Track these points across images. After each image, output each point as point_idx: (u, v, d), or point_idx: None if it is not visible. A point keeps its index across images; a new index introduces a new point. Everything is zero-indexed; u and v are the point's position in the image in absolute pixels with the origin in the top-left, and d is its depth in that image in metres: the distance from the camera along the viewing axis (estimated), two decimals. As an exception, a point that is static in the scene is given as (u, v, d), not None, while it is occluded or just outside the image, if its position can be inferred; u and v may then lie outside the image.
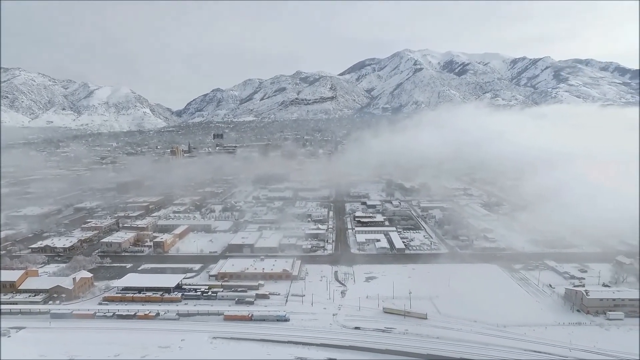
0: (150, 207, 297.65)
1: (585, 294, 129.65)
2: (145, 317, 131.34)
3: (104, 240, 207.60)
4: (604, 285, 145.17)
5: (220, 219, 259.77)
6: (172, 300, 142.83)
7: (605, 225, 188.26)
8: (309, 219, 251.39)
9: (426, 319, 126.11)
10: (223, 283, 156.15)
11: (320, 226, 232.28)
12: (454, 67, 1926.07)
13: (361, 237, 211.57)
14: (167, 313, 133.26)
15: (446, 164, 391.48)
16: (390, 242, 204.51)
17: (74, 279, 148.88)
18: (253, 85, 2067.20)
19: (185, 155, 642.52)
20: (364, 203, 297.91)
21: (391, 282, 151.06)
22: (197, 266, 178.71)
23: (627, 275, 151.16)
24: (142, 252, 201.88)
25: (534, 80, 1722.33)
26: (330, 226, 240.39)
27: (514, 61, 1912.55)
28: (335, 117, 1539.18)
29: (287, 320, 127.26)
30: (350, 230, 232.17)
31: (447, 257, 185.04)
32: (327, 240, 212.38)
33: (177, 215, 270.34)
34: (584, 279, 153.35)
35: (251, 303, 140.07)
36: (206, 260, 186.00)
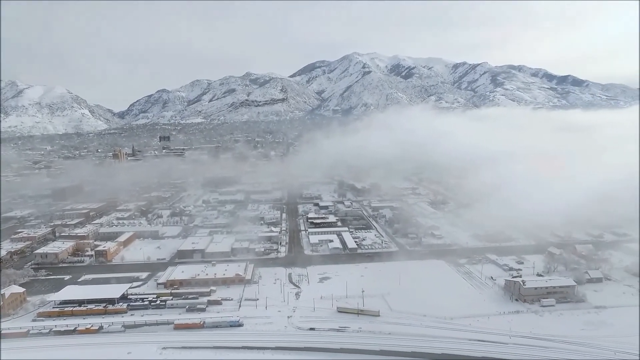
0: (91, 214, 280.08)
1: (522, 284, 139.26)
2: (87, 331, 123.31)
3: (38, 251, 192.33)
4: (538, 275, 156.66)
5: (168, 225, 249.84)
6: (117, 312, 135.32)
7: (537, 219, 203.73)
8: (262, 222, 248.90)
9: (379, 316, 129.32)
10: (172, 291, 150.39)
11: (273, 229, 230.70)
12: (400, 71, 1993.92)
13: (314, 238, 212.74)
14: (111, 326, 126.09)
15: (395, 164, 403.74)
16: (343, 242, 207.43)
17: (2, 294, 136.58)
18: (201, 86, 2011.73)
19: (129, 158, 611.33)
20: (316, 204, 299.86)
21: (345, 281, 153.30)
22: (144, 275, 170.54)
23: (557, 265, 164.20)
24: (83, 262, 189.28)
25: (474, 84, 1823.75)
26: (283, 228, 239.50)
27: (456, 66, 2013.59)
28: (287, 119, 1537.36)
29: (240, 325, 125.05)
30: (303, 232, 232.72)
31: (397, 254, 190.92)
32: (280, 243, 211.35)
33: (121, 222, 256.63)
34: (520, 270, 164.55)
35: (203, 310, 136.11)
36: (154, 268, 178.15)
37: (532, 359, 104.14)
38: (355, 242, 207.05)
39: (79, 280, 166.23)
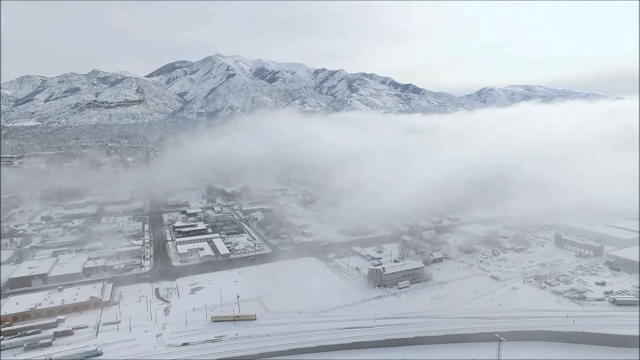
0: None
1: (382, 271, 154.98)
2: None
3: None
4: (395, 261, 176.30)
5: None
6: None
7: (392, 211, 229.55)
8: (121, 236, 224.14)
9: (255, 319, 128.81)
10: (4, 329, 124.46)
11: (134, 242, 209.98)
12: (265, 75, 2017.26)
13: (183, 248, 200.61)
14: None
15: (265, 166, 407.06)
16: (214, 249, 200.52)
17: None
18: (34, 83, 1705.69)
19: None
20: (183, 212, 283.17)
21: (218, 289, 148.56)
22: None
23: (409, 251, 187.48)
24: None
25: (333, 90, 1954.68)
26: (146, 240, 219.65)
27: (316, 72, 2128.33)
28: (145, 122, 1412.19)
29: (99, 354, 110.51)
30: (170, 242, 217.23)
31: (271, 256, 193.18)
32: (144, 256, 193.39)
33: None
34: (381, 258, 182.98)
35: (48, 345, 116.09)
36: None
37: (395, 337, 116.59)
38: (228, 247, 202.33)
39: None
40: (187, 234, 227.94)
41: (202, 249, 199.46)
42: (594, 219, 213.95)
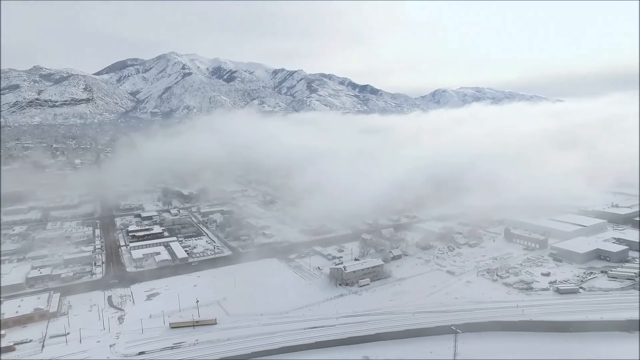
0: None
1: (343, 270, 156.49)
2: None
3: None
4: (355, 259, 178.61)
5: None
6: None
7: (352, 210, 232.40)
8: (69, 242, 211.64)
9: (216, 323, 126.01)
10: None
11: (84, 248, 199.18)
12: (222, 74, 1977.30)
13: (138, 253, 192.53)
14: None
15: (224, 167, 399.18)
16: (172, 253, 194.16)
17: None
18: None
19: None
20: (138, 215, 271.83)
21: (176, 294, 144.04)
22: None
23: (369, 249, 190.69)
24: None
25: (292, 90, 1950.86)
26: (98, 246, 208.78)
27: (275, 72, 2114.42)
28: (95, 122, 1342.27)
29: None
30: (124, 248, 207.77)
31: (231, 258, 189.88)
32: (95, 263, 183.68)
33: None
34: (342, 257, 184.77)
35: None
36: None
37: (356, 335, 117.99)
38: (186, 251, 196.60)
39: None
40: (142, 238, 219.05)
41: (158, 253, 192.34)
42: (539, 214, 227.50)
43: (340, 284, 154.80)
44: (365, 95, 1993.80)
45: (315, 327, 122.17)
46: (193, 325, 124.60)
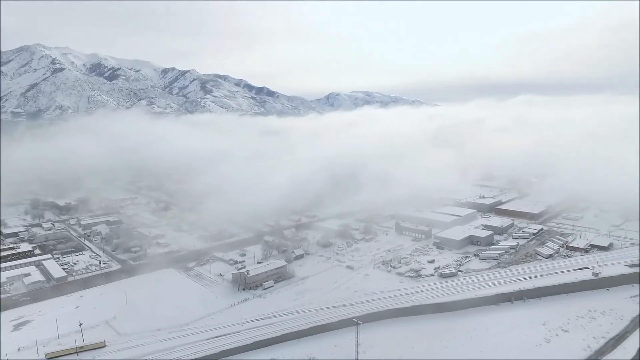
0: None
1: (247, 274, 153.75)
2: None
3: None
4: (258, 262, 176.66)
5: None
6: None
7: (253, 212, 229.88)
8: None
9: (105, 346, 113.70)
10: None
11: None
12: (103, 71, 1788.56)
13: (1, 277, 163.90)
14: None
15: (109, 174, 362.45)
16: (45, 272, 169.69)
17: None
18: None
19: None
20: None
21: (53, 319, 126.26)
22: None
23: (272, 251, 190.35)
24: None
25: (185, 90, 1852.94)
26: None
27: (165, 71, 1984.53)
28: None
29: None
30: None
31: (120, 273, 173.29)
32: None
33: None
34: (244, 261, 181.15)
35: None
36: None
37: (262, 338, 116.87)
38: (64, 269, 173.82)
39: None
40: (6, 259, 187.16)
41: (28, 274, 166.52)
42: (423, 206, 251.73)
43: (244, 289, 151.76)
44: (262, 97, 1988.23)
45: (218, 336, 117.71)
46: (76, 352, 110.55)
